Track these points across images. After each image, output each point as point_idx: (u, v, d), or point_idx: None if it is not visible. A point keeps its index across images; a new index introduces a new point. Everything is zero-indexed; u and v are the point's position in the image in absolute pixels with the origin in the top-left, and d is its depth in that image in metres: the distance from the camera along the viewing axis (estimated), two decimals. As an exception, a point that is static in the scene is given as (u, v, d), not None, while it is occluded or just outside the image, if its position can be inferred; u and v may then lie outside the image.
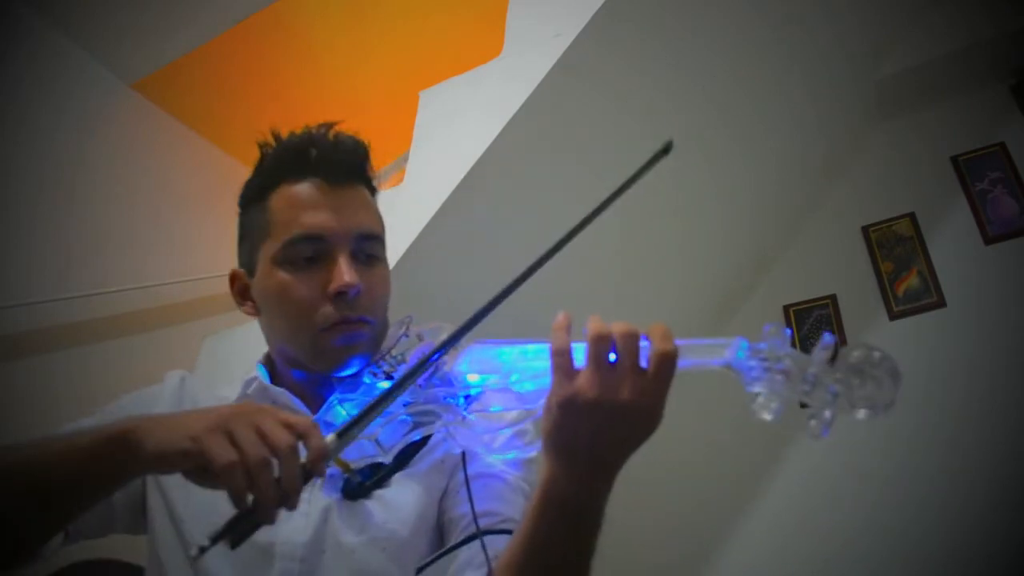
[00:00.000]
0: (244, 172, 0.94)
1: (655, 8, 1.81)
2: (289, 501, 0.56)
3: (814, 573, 2.01)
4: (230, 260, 0.95)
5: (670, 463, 2.02)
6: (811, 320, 2.42)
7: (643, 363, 0.59)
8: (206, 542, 0.55)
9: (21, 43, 2.23)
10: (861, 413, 0.53)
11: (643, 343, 0.60)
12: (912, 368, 0.61)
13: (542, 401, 0.65)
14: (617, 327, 0.59)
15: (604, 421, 0.59)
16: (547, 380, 0.63)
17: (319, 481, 0.80)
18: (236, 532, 0.56)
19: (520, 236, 1.78)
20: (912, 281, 2.32)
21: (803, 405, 0.55)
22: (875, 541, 1.96)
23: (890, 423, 0.70)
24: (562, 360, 0.61)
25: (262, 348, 0.95)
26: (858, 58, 2.47)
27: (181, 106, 2.72)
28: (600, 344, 0.59)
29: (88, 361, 2.12)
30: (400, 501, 0.82)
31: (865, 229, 2.48)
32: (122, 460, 0.60)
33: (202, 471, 0.57)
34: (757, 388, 0.57)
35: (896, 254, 2.39)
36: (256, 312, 0.91)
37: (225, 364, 2.02)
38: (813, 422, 0.54)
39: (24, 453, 0.65)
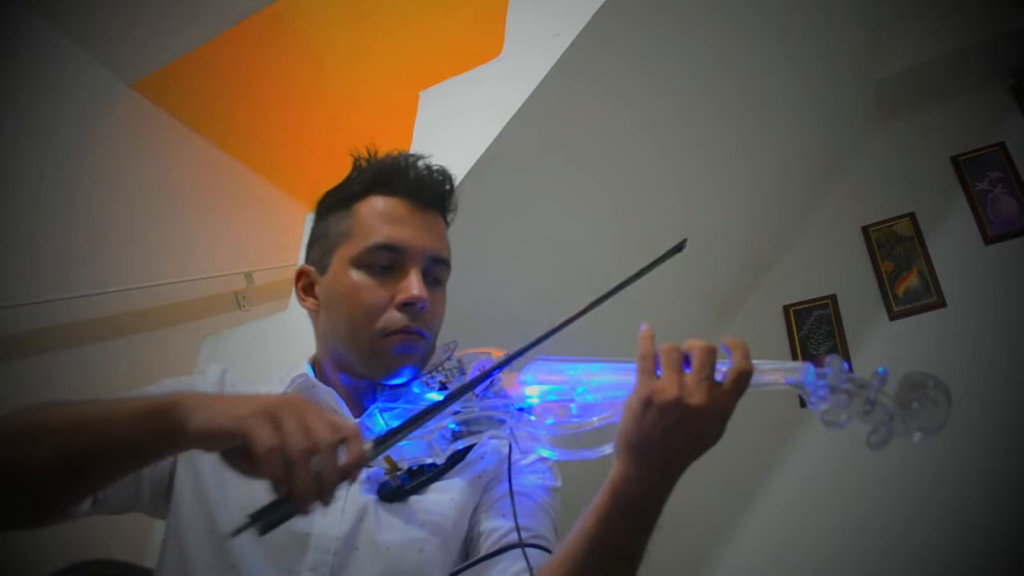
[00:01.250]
0: (244, 172, 0.95)
1: (655, 8, 1.81)
2: (323, 497, 0.57)
3: (814, 573, 2.01)
4: (230, 260, 0.96)
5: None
6: (811, 320, 2.42)
7: (718, 377, 0.65)
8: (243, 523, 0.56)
9: (21, 43, 2.23)
10: (917, 436, 0.62)
11: (721, 366, 0.65)
12: (912, 368, 0.62)
13: (596, 416, 0.70)
14: (696, 342, 0.65)
15: (677, 422, 0.64)
16: (611, 393, 0.71)
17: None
18: (269, 518, 0.57)
19: (519, 236, 1.78)
20: (912, 281, 2.32)
21: (803, 404, 0.58)
22: (875, 541, 1.95)
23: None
24: (646, 364, 0.66)
25: (262, 348, 0.95)
26: (858, 58, 2.47)
27: (181, 106, 2.72)
28: (674, 353, 0.65)
29: (88, 361, 2.12)
30: (438, 508, 0.85)
31: (865, 229, 2.48)
32: (166, 432, 0.61)
33: (241, 454, 0.58)
34: (823, 406, 0.64)
35: (896, 254, 2.39)
36: (317, 309, 0.94)
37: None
38: (873, 437, 0.62)
39: (63, 412, 0.64)
